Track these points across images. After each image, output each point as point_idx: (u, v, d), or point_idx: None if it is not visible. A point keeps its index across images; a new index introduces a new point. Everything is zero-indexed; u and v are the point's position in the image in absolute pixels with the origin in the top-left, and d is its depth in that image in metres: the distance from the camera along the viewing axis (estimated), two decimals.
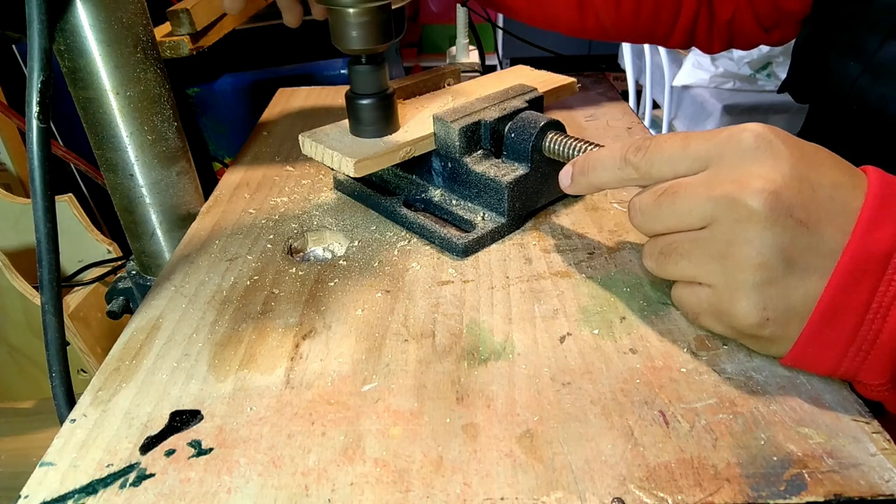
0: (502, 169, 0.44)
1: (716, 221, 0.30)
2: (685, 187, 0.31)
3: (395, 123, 0.47)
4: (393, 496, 0.27)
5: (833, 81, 0.51)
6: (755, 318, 0.29)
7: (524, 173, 0.44)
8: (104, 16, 0.41)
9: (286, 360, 0.35)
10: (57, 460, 0.29)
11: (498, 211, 0.45)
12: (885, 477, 0.26)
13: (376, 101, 0.45)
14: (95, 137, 0.45)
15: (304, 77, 1.12)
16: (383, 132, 0.46)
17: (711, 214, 0.30)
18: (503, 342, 0.35)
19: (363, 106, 0.45)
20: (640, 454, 0.28)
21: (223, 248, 0.45)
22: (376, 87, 0.45)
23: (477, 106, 0.46)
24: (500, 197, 0.44)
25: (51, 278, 0.37)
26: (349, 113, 0.47)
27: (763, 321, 0.29)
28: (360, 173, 0.44)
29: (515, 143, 0.44)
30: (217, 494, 0.27)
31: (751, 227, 0.28)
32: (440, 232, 0.44)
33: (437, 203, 0.47)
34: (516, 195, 0.44)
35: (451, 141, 0.45)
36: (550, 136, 0.43)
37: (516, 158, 0.45)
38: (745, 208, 0.28)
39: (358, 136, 0.47)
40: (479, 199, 0.46)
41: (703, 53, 1.65)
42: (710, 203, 0.29)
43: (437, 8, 2.92)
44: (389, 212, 0.48)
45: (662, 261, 0.33)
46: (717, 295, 0.31)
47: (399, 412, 0.31)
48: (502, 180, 0.43)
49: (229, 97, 1.11)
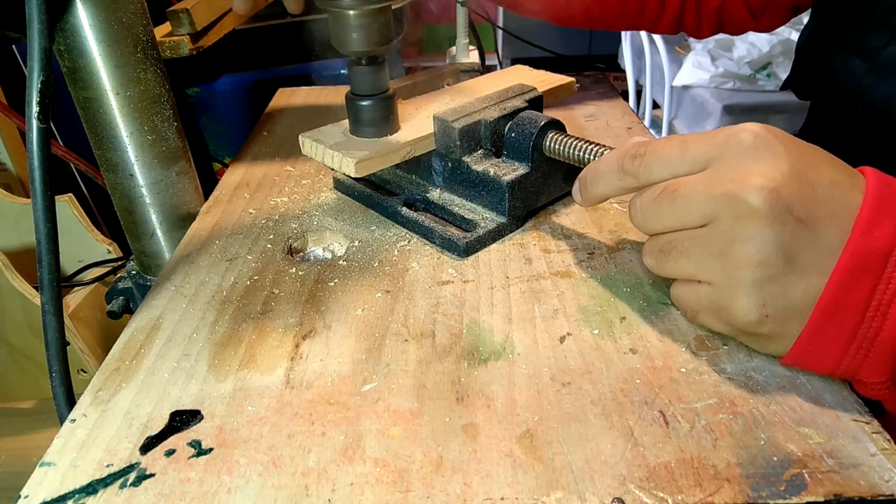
0: (503, 168, 0.44)
1: (716, 219, 0.30)
2: (685, 186, 0.31)
3: (395, 123, 0.47)
4: (393, 496, 0.27)
5: (837, 80, 0.51)
6: (754, 315, 0.30)
7: (525, 172, 0.44)
8: (104, 16, 0.41)
9: (286, 360, 0.35)
10: (57, 460, 0.29)
11: (499, 210, 0.45)
12: (885, 477, 0.26)
13: (376, 101, 0.45)
14: (95, 137, 0.45)
15: (304, 77, 1.12)
16: (383, 132, 0.46)
17: (711, 212, 0.30)
18: (503, 342, 0.35)
19: (363, 107, 0.45)
20: (640, 454, 0.28)
21: (223, 248, 0.45)
22: (376, 88, 0.45)
23: (477, 106, 0.46)
24: (500, 196, 0.44)
25: (51, 278, 0.37)
26: (349, 113, 0.47)
27: (762, 318, 0.29)
28: (360, 173, 0.44)
29: (516, 142, 0.44)
30: (217, 494, 0.27)
31: (751, 225, 0.28)
32: (441, 232, 0.44)
33: (438, 203, 0.47)
34: (517, 194, 0.44)
35: (451, 141, 0.45)
36: (551, 135, 0.43)
37: (517, 158, 0.45)
38: (746, 205, 0.28)
39: (358, 136, 0.47)
40: (479, 199, 0.46)
41: (703, 53, 1.65)
42: (710, 201, 0.30)
43: (437, 8, 2.92)
44: (390, 212, 0.48)
45: (662, 259, 0.33)
46: (717, 292, 0.31)
47: (399, 412, 0.31)
48: (503, 179, 0.43)
49: (229, 97, 1.11)
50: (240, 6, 0.55)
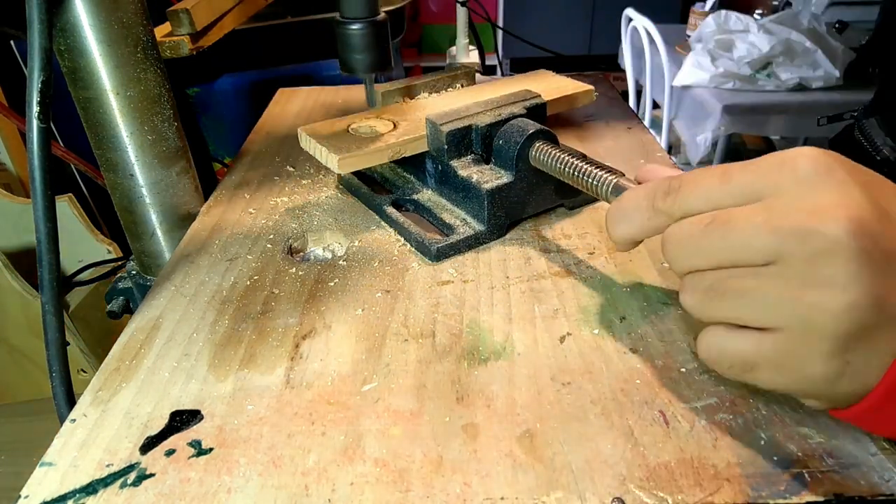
0: (486, 175, 0.43)
1: (784, 258, 0.25)
2: (740, 218, 0.26)
3: (387, 59, 0.43)
4: (393, 496, 0.27)
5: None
6: (835, 370, 0.25)
7: (508, 182, 0.43)
8: (104, 16, 0.41)
9: (286, 359, 0.35)
10: (57, 460, 0.29)
11: (479, 218, 0.44)
12: (885, 477, 0.26)
13: (366, 27, 0.42)
14: (95, 137, 0.45)
15: (304, 77, 1.12)
16: (375, 66, 0.43)
17: (777, 249, 0.25)
18: (503, 342, 0.35)
19: (352, 33, 0.42)
20: (640, 454, 0.28)
21: (223, 248, 0.45)
22: (366, 10, 0.42)
23: (473, 110, 0.46)
24: (480, 203, 0.43)
25: (51, 278, 0.37)
26: (338, 45, 0.43)
27: (840, 375, 0.25)
28: (343, 170, 0.43)
29: (502, 150, 0.43)
30: (217, 494, 0.27)
31: (833, 262, 0.24)
32: (416, 234, 0.43)
33: (424, 204, 0.47)
34: (498, 203, 0.43)
35: (440, 144, 0.44)
36: (537, 145, 0.42)
37: (503, 166, 0.44)
38: (824, 239, 0.24)
39: (349, 72, 0.43)
40: (463, 205, 0.45)
41: (703, 53, 1.65)
42: (774, 236, 0.25)
43: (437, 8, 2.92)
44: (378, 209, 0.48)
45: (711, 299, 0.27)
46: (788, 343, 0.25)
47: (399, 412, 0.31)
48: (483, 187, 0.42)
49: (229, 97, 1.11)
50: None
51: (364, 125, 0.48)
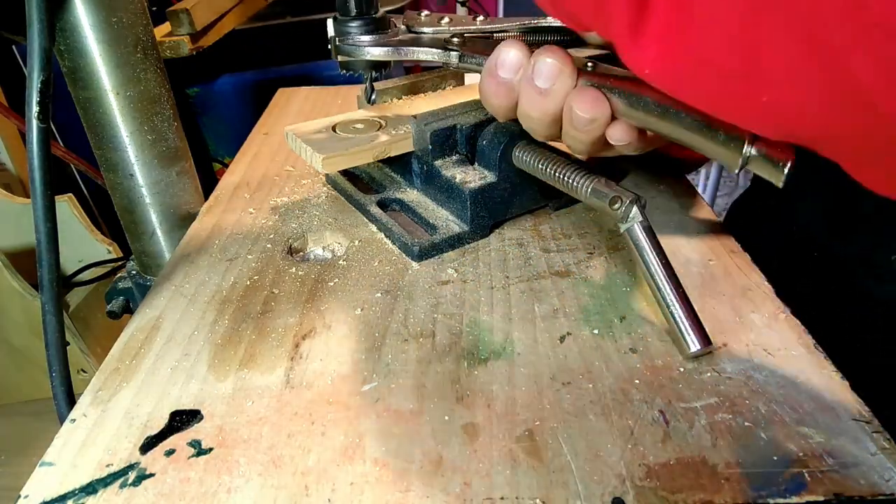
0: (470, 176, 0.43)
1: None
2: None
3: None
4: (393, 496, 0.27)
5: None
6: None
7: (491, 182, 0.43)
8: (104, 16, 0.41)
9: (286, 359, 0.35)
10: (57, 460, 0.29)
11: (462, 218, 0.44)
12: (886, 476, 0.26)
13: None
14: (95, 137, 0.45)
15: (304, 77, 1.12)
16: (375, 64, 0.43)
17: None
18: (503, 342, 0.35)
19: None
20: (640, 454, 0.28)
21: (223, 248, 0.45)
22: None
23: (458, 110, 0.46)
24: (463, 204, 0.43)
25: (51, 278, 0.37)
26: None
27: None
28: (328, 169, 0.43)
29: (485, 150, 0.43)
30: (217, 494, 0.27)
31: None
32: (399, 234, 0.43)
33: (409, 204, 0.47)
34: (481, 203, 0.43)
35: (424, 144, 0.44)
36: (520, 146, 0.42)
37: (486, 166, 0.44)
38: None
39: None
40: (447, 205, 0.45)
41: None
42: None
43: (437, 8, 2.92)
44: (362, 209, 0.48)
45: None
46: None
47: (399, 412, 0.31)
48: (466, 188, 0.42)
49: (229, 97, 1.11)
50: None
51: (350, 125, 0.48)
